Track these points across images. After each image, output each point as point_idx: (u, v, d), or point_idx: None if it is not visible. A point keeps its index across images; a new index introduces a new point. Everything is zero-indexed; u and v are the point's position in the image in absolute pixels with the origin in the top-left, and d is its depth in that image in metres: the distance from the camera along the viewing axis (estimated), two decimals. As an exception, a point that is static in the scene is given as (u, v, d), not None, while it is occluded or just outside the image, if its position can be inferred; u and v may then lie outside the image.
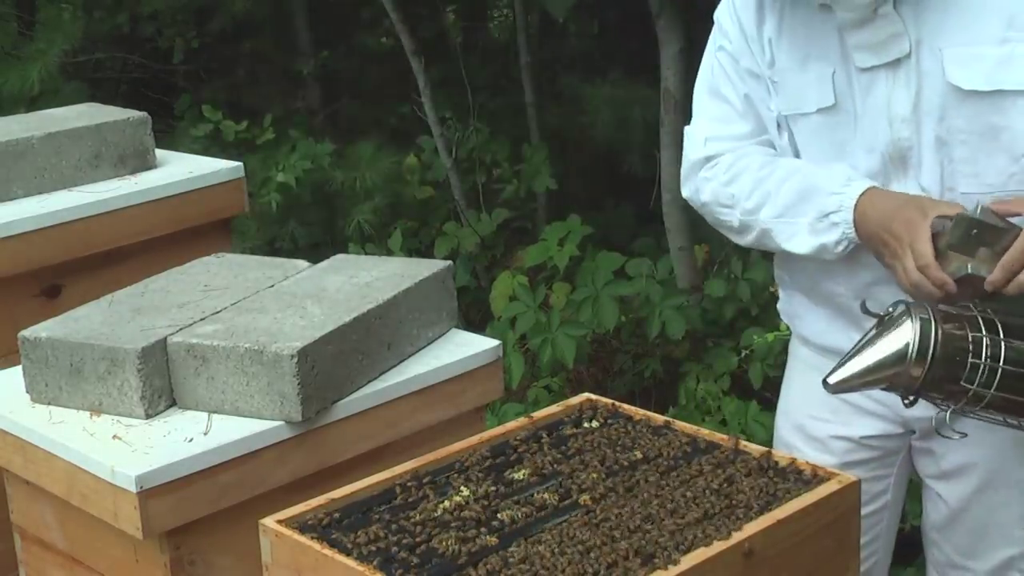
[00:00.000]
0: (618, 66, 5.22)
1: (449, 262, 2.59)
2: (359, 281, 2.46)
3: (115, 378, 2.23)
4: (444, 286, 2.52)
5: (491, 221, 5.19)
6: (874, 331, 2.03)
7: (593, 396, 2.30)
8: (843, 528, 1.96)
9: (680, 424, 2.19)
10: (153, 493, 2.07)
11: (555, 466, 2.06)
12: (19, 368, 2.37)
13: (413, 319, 2.43)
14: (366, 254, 4.68)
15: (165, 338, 2.25)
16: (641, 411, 2.24)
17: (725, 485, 1.96)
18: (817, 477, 1.98)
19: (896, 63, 2.15)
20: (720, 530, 1.83)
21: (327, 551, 1.83)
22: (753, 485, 1.96)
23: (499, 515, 1.91)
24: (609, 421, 2.22)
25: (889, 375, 2.01)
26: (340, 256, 2.67)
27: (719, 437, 2.13)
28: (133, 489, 2.06)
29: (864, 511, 2.36)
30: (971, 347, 1.97)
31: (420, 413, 2.37)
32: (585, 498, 1.94)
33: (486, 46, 6.46)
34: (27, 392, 2.34)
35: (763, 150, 2.33)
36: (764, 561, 1.82)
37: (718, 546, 1.79)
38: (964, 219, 2.02)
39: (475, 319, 4.71)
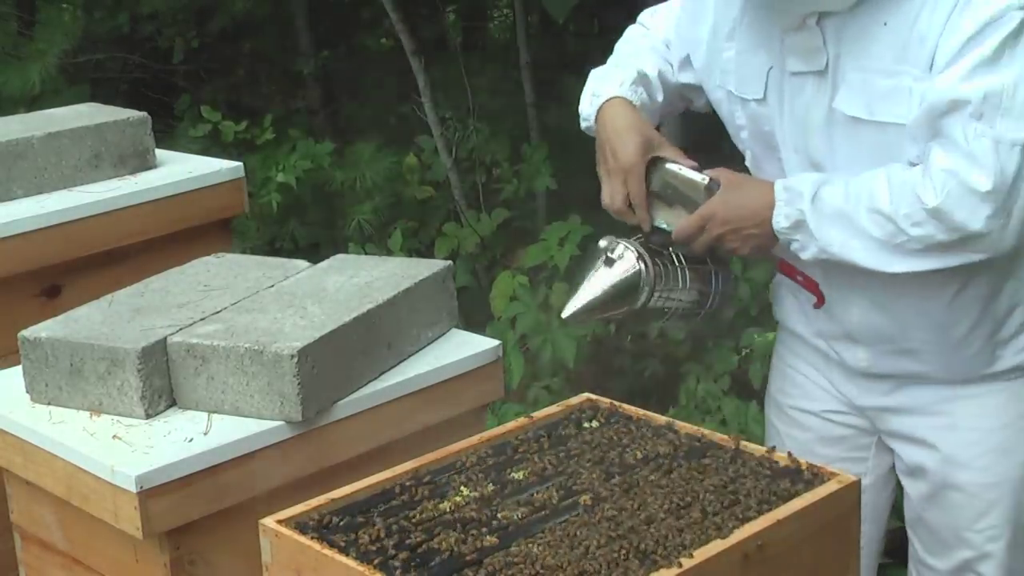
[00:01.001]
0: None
1: (449, 262, 2.59)
2: (359, 281, 2.46)
3: (115, 378, 2.23)
4: (444, 286, 2.52)
5: (491, 221, 5.18)
6: (601, 266, 2.26)
7: (593, 396, 2.30)
8: (843, 528, 1.96)
9: (680, 424, 2.19)
10: (153, 493, 2.07)
11: (555, 466, 2.06)
12: (19, 368, 2.37)
13: (413, 319, 2.43)
14: (366, 254, 4.68)
15: (165, 338, 2.25)
16: (641, 411, 2.24)
17: (725, 485, 1.96)
18: (817, 477, 1.98)
19: (820, 74, 2.20)
20: (720, 530, 1.83)
21: (327, 551, 1.83)
22: (753, 485, 1.96)
23: (499, 515, 1.91)
24: (609, 421, 2.22)
25: (620, 304, 2.26)
26: (340, 256, 2.66)
27: (719, 437, 2.13)
28: (133, 489, 2.06)
29: None
30: (678, 277, 2.29)
31: (420, 413, 2.37)
32: (585, 498, 1.94)
33: (486, 46, 6.47)
34: (27, 392, 2.34)
35: (659, 46, 2.50)
36: (764, 561, 1.82)
37: (718, 546, 1.79)
38: (667, 172, 2.28)
39: (475, 319, 4.71)
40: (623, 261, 2.24)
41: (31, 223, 2.91)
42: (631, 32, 2.57)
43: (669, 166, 2.28)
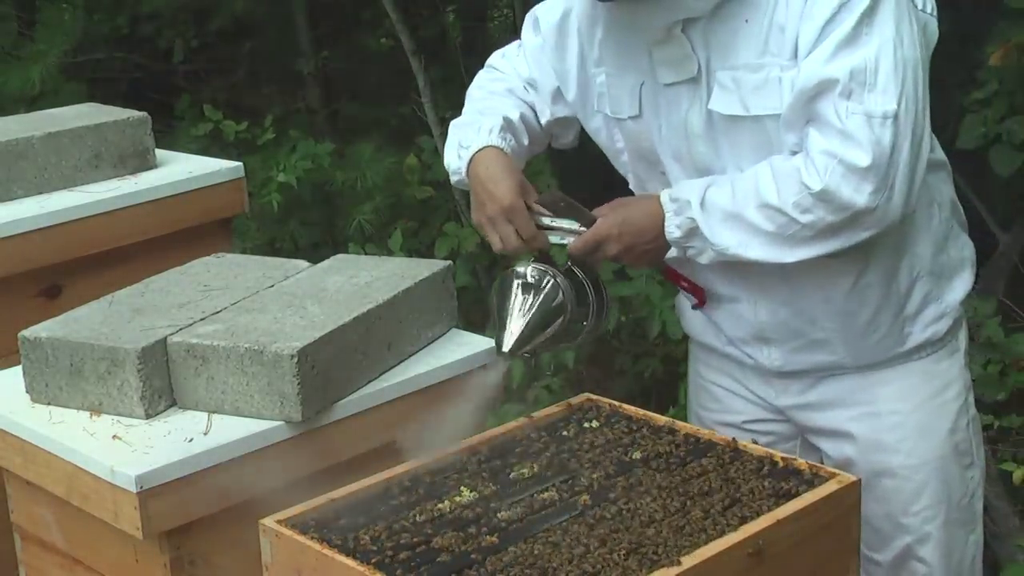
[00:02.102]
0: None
1: (449, 262, 2.59)
2: (359, 281, 2.46)
3: (115, 378, 2.23)
4: (444, 286, 2.52)
5: (491, 221, 5.17)
6: (518, 294, 2.22)
7: (593, 396, 2.30)
8: (843, 528, 1.96)
9: (680, 424, 2.19)
10: (153, 493, 2.07)
11: (555, 466, 2.06)
12: (19, 368, 2.37)
13: (413, 319, 2.43)
14: (366, 254, 4.67)
15: (165, 338, 2.25)
16: (641, 411, 2.24)
17: (725, 485, 1.97)
18: (817, 477, 1.98)
19: (692, 81, 2.21)
20: (720, 530, 1.83)
21: (327, 551, 1.83)
22: (753, 485, 1.96)
23: (499, 515, 1.91)
24: (609, 421, 2.22)
25: (550, 324, 2.21)
26: (340, 256, 2.67)
27: (719, 437, 2.14)
28: (133, 489, 2.06)
29: None
30: (586, 290, 2.27)
31: (420, 413, 2.37)
32: (585, 498, 1.94)
33: (486, 46, 6.45)
34: (27, 392, 2.34)
35: (517, 89, 2.48)
36: (764, 561, 1.82)
37: (718, 546, 1.79)
38: (555, 194, 2.27)
39: (475, 319, 4.70)
40: (541, 282, 2.22)
41: (31, 223, 2.91)
42: (483, 78, 2.55)
43: (543, 220, 2.26)
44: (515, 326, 2.19)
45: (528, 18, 2.50)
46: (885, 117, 2.05)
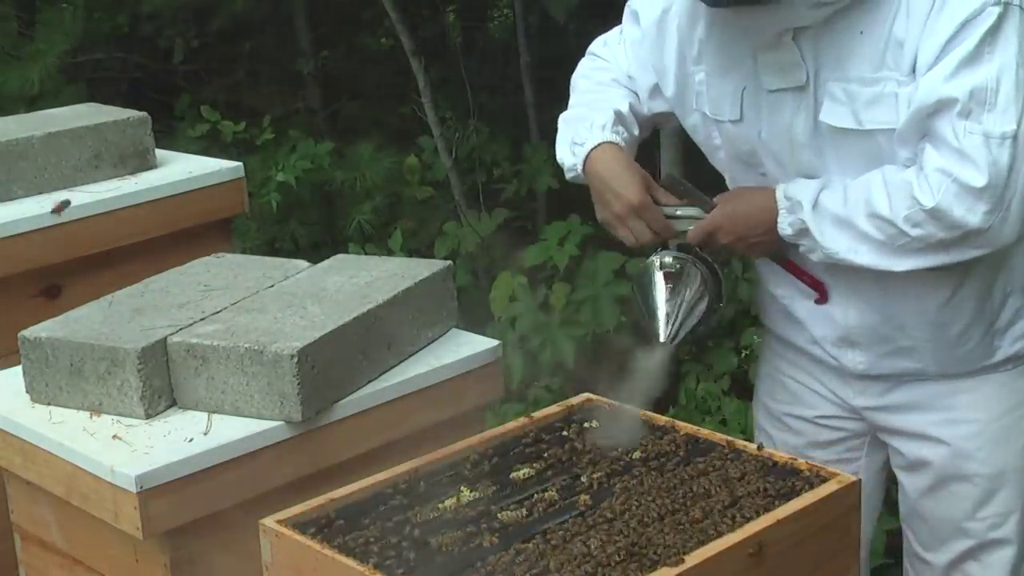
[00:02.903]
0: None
1: (449, 262, 2.59)
2: (359, 281, 2.46)
3: (115, 378, 2.23)
4: (444, 286, 2.52)
5: (491, 221, 5.18)
6: (660, 282, 2.29)
7: (593, 396, 2.30)
8: (843, 528, 1.96)
9: (680, 424, 2.19)
10: (153, 493, 2.07)
11: (555, 466, 2.06)
12: (19, 368, 2.37)
13: (413, 319, 2.43)
14: (366, 254, 4.67)
15: (165, 338, 2.25)
16: (641, 411, 2.24)
17: (725, 485, 1.97)
18: (818, 477, 1.98)
19: (799, 90, 2.21)
20: (720, 530, 1.83)
21: (327, 551, 1.83)
22: (753, 485, 1.96)
23: (499, 515, 1.91)
24: (609, 421, 2.22)
25: (696, 309, 2.28)
26: (340, 256, 2.67)
27: (719, 437, 2.14)
28: (133, 489, 2.06)
29: None
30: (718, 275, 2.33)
31: (420, 413, 2.37)
32: (585, 498, 1.94)
33: (486, 46, 6.46)
34: (27, 392, 2.34)
35: (621, 77, 2.49)
36: (764, 561, 1.82)
37: (718, 546, 1.79)
38: (673, 178, 2.35)
39: (475, 319, 4.70)
40: (683, 273, 2.28)
41: (31, 223, 2.91)
42: (587, 67, 2.57)
43: (666, 210, 2.31)
44: (668, 315, 2.26)
45: (627, 10, 2.51)
46: (1004, 138, 2.04)
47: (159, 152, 3.28)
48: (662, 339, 2.25)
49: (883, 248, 2.14)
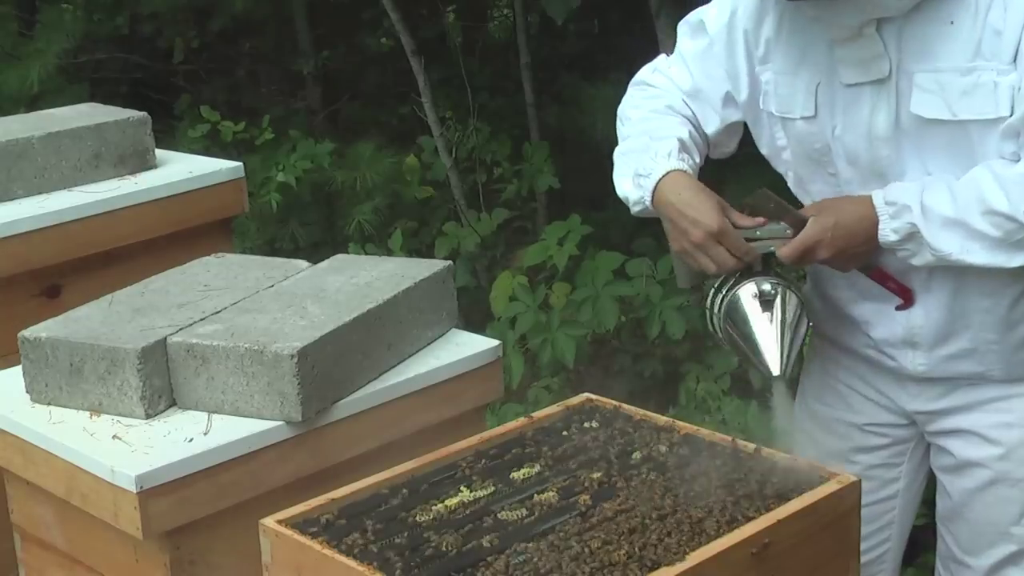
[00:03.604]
0: (618, 66, 5.22)
1: (449, 262, 2.59)
2: (359, 281, 2.46)
3: (115, 378, 2.23)
4: (444, 286, 2.52)
5: (491, 221, 5.18)
6: (758, 311, 2.19)
7: (593, 396, 2.30)
8: (843, 528, 1.96)
9: (680, 424, 2.19)
10: (153, 493, 2.07)
11: (555, 466, 2.06)
12: (19, 368, 2.37)
13: (413, 319, 2.43)
14: (366, 254, 4.68)
15: (165, 338, 2.25)
16: (641, 411, 2.24)
17: (725, 485, 1.96)
18: (818, 477, 1.98)
19: (879, 83, 2.18)
20: (720, 530, 1.83)
21: (327, 551, 1.83)
22: (753, 485, 1.96)
23: (499, 515, 1.91)
24: (609, 421, 2.22)
25: (802, 335, 2.20)
26: (340, 256, 2.66)
27: (719, 437, 2.13)
28: (133, 489, 2.06)
29: (876, 496, 2.44)
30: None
31: (420, 413, 2.37)
32: (585, 498, 1.94)
33: (486, 46, 6.46)
34: (27, 392, 2.34)
35: (676, 104, 2.43)
36: (765, 560, 1.82)
37: (719, 545, 1.79)
38: (764, 194, 2.23)
39: (475, 319, 4.70)
40: (779, 297, 2.19)
41: (31, 223, 2.91)
42: (637, 97, 2.49)
43: (745, 233, 2.22)
44: (775, 345, 2.17)
45: (684, 26, 2.46)
46: None
47: (159, 152, 3.28)
48: (775, 373, 2.15)
49: (999, 245, 2.11)
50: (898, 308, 2.33)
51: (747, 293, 2.20)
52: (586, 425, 2.21)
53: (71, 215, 2.97)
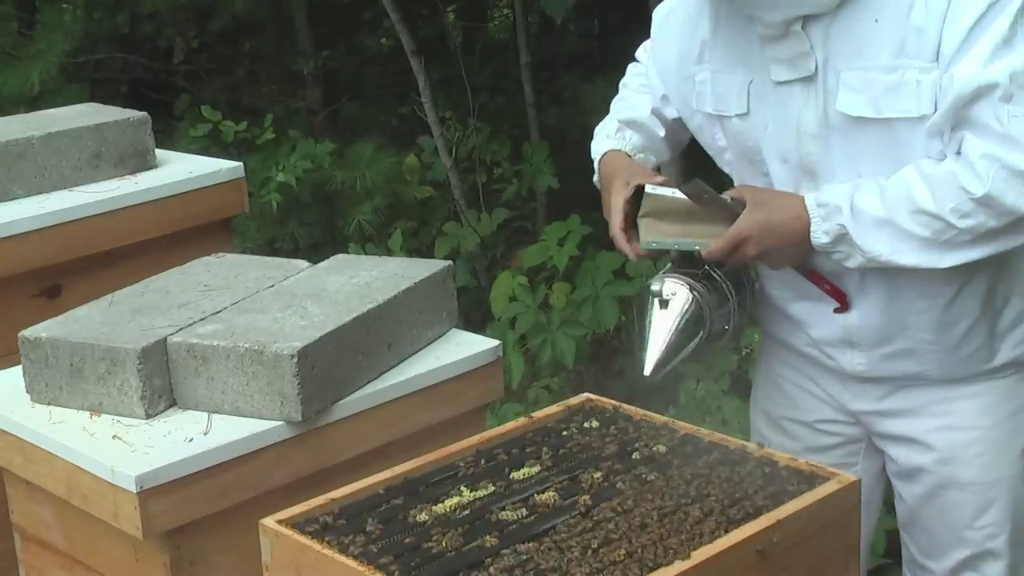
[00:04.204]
0: (618, 66, 5.22)
1: (449, 262, 2.59)
2: (359, 281, 2.46)
3: (115, 378, 2.23)
4: (444, 286, 2.52)
5: (491, 221, 5.18)
6: (655, 310, 2.20)
7: (593, 396, 2.30)
8: (843, 528, 1.96)
9: (680, 424, 2.19)
10: (153, 493, 2.07)
11: (555, 466, 2.06)
12: (19, 368, 2.37)
13: (413, 319, 2.43)
14: (366, 254, 4.68)
15: (165, 338, 2.25)
16: (641, 411, 2.24)
17: (725, 485, 1.96)
18: (818, 477, 1.98)
19: (808, 80, 2.19)
20: (721, 530, 1.83)
21: (327, 551, 1.83)
22: (753, 485, 1.96)
23: (499, 515, 1.91)
24: (609, 421, 2.22)
25: (690, 339, 2.21)
26: (340, 256, 2.66)
27: (719, 437, 2.13)
28: (133, 489, 2.06)
29: None
30: (724, 293, 2.26)
31: (420, 413, 2.37)
32: (585, 498, 1.94)
33: (486, 46, 6.46)
34: (27, 392, 2.34)
35: (646, 81, 2.52)
36: (765, 560, 1.82)
37: (719, 546, 1.79)
38: (647, 196, 2.24)
39: (475, 319, 4.70)
40: (677, 297, 2.20)
41: (31, 223, 2.91)
42: (628, 71, 2.60)
43: (648, 189, 2.25)
44: (655, 348, 2.18)
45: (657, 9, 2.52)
46: None
47: (159, 152, 3.28)
48: (646, 373, 2.18)
49: (929, 245, 2.10)
50: (836, 311, 2.33)
51: (652, 288, 2.22)
52: (586, 425, 2.21)
53: (71, 215, 2.96)
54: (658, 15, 2.45)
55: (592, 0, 5.73)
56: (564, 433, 2.18)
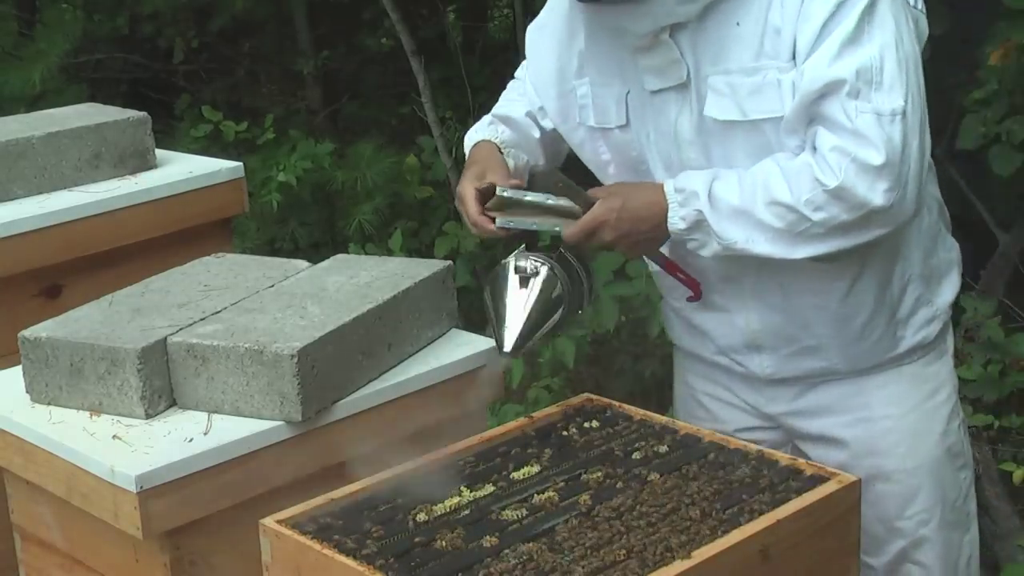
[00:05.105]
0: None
1: (449, 262, 2.59)
2: (359, 281, 2.46)
3: (115, 378, 2.23)
4: (444, 286, 2.52)
5: (491, 221, 5.18)
6: (514, 287, 2.17)
7: (593, 396, 2.30)
8: (843, 528, 1.96)
9: (680, 424, 2.19)
10: (153, 493, 2.07)
11: (555, 466, 2.06)
12: (19, 368, 2.37)
13: (413, 319, 2.43)
14: (366, 254, 4.68)
15: (165, 338, 2.25)
16: (641, 411, 2.24)
17: (725, 485, 1.97)
18: (818, 477, 1.98)
19: (681, 88, 2.20)
20: (720, 530, 1.83)
21: (327, 551, 1.83)
22: (753, 485, 1.96)
23: (499, 515, 1.91)
24: (609, 421, 2.22)
25: (548, 316, 2.17)
26: (340, 256, 2.67)
27: (719, 437, 2.14)
28: (133, 489, 2.06)
29: None
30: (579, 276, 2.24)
31: (420, 413, 2.37)
32: (585, 498, 1.94)
33: (486, 46, 6.46)
34: (27, 392, 2.34)
35: (523, 90, 2.55)
36: (765, 560, 1.82)
37: (719, 546, 1.79)
38: (552, 171, 2.29)
39: (475, 319, 4.70)
40: (539, 275, 2.17)
41: (31, 223, 2.91)
42: (509, 86, 2.62)
43: (498, 191, 2.26)
44: (515, 324, 2.15)
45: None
46: (894, 114, 2.03)
47: (159, 152, 3.28)
48: (506, 349, 2.14)
49: (782, 236, 2.11)
50: (689, 300, 2.34)
51: (510, 265, 2.20)
52: (586, 425, 2.21)
53: (71, 215, 2.96)
54: (531, 31, 2.44)
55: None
56: (564, 433, 2.18)
